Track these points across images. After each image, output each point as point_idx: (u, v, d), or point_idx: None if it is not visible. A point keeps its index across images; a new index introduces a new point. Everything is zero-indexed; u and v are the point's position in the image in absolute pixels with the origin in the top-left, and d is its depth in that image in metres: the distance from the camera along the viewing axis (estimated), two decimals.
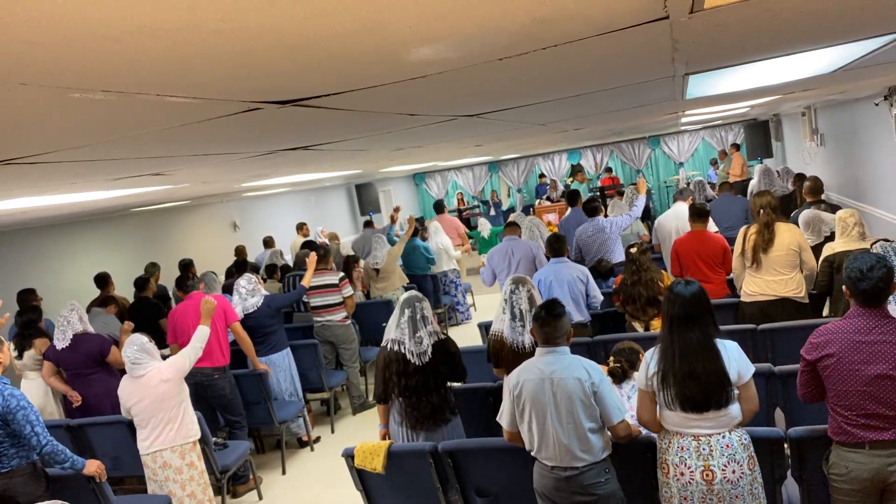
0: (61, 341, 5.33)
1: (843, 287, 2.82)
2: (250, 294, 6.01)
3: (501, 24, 1.36)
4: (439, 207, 11.33)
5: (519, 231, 6.90)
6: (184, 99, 1.61)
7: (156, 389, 4.26)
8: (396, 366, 3.77)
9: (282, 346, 6.17)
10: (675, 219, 6.81)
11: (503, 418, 3.21)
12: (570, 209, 8.47)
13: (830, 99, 7.83)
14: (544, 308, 3.09)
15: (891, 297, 3.17)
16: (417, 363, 3.72)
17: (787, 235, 4.95)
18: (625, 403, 3.41)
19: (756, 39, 2.15)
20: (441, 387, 3.78)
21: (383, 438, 3.94)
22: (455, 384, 4.09)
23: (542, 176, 17.83)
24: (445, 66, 1.72)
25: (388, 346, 3.84)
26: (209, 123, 2.09)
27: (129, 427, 4.80)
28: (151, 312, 6.92)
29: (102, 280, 7.06)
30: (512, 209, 17.32)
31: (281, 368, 6.10)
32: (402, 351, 3.77)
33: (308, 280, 6.43)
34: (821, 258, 4.97)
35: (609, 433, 3.03)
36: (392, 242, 9.10)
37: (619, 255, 6.81)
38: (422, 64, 1.64)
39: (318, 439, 6.37)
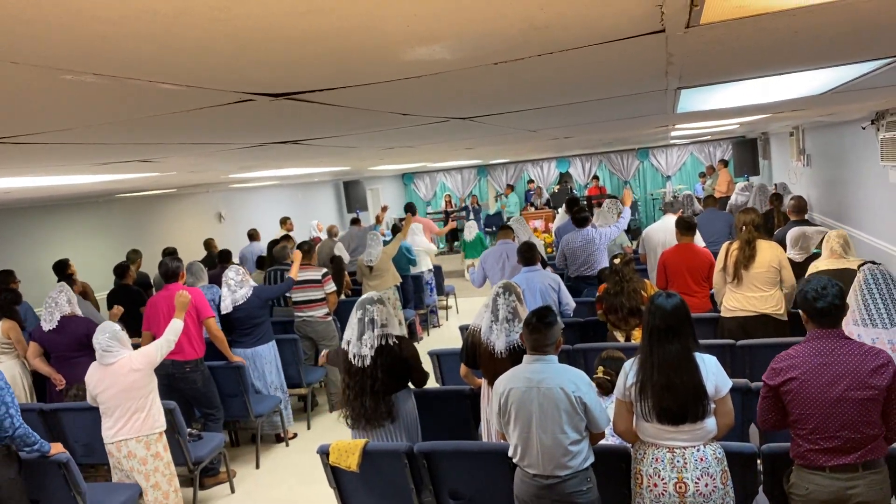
0: (48, 323, 5.24)
1: (800, 311, 2.86)
2: (239, 286, 5.96)
3: (499, 28, 1.36)
4: (410, 209, 10.78)
5: (513, 235, 6.91)
6: (176, 86, 1.60)
7: (125, 378, 4.21)
8: (345, 364, 3.89)
9: (269, 338, 6.15)
10: (664, 231, 6.82)
11: (493, 421, 3.25)
12: (568, 216, 8.45)
13: (818, 120, 7.91)
14: (536, 315, 3.09)
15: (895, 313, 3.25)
16: (359, 365, 3.80)
17: (769, 253, 5.00)
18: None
19: (750, 57, 2.17)
20: (379, 392, 3.79)
21: None
22: (427, 387, 4.14)
23: (530, 182, 17.85)
24: (441, 67, 1.72)
25: (342, 343, 3.97)
26: (200, 113, 2.08)
27: None
28: (132, 300, 6.85)
29: (61, 268, 6.88)
30: (499, 214, 17.31)
31: (267, 360, 6.08)
32: (348, 349, 3.87)
33: (295, 272, 6.41)
34: (805, 276, 4.99)
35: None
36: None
37: (603, 266, 6.82)
38: (417, 64, 1.64)
39: (294, 435, 6.34)
